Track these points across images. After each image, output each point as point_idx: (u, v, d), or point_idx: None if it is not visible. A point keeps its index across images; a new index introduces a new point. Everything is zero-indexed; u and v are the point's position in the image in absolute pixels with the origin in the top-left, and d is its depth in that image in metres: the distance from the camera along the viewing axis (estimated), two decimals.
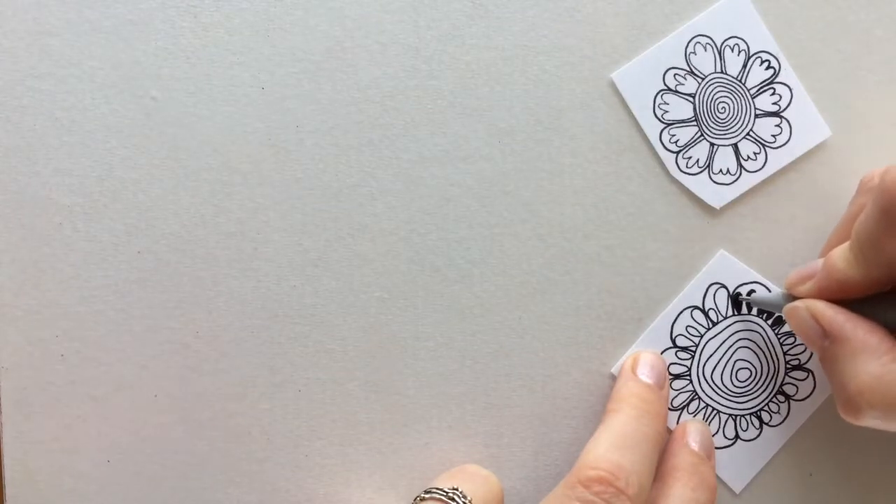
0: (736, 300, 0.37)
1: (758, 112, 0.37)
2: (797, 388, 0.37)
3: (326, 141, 0.36)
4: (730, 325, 0.37)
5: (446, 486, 0.33)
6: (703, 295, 0.37)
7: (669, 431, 0.36)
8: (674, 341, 0.37)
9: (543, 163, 0.36)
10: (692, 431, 0.35)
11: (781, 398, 0.37)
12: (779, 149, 0.37)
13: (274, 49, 0.36)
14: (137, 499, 0.36)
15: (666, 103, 0.36)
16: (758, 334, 0.37)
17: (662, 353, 0.37)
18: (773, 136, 0.37)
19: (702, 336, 0.37)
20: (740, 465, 0.37)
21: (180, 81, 0.36)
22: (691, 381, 0.37)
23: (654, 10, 0.36)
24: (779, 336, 0.37)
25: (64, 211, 0.35)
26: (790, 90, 0.37)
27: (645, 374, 0.36)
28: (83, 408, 0.36)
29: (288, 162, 0.36)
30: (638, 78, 0.36)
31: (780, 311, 0.35)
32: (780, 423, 0.37)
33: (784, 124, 0.37)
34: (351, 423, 0.36)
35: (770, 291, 0.37)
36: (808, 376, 0.37)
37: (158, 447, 0.36)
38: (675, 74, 0.36)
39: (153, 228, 0.36)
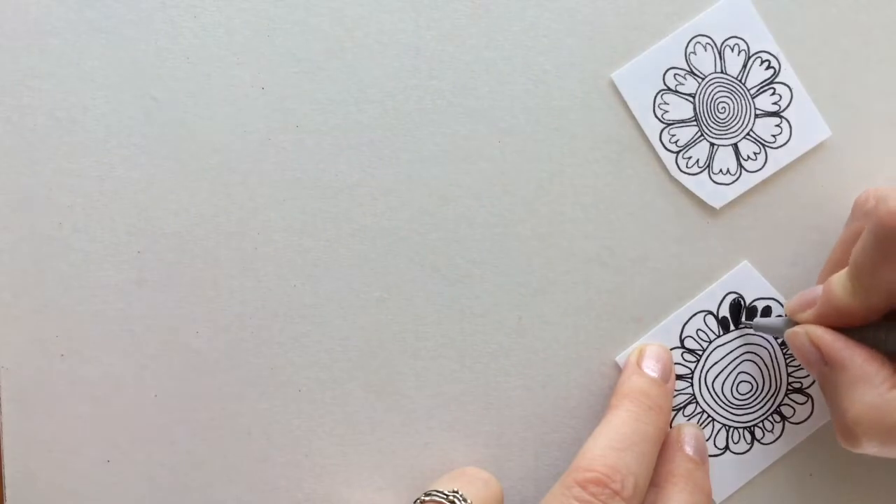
0: (736, 317, 0.37)
1: (758, 112, 0.37)
2: (794, 410, 0.37)
3: (326, 141, 0.36)
4: (739, 337, 0.37)
5: (446, 488, 0.33)
6: (718, 302, 0.37)
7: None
8: (682, 342, 0.37)
9: (543, 163, 0.36)
10: (688, 436, 0.35)
11: (777, 418, 0.37)
12: (779, 149, 0.37)
13: (274, 49, 0.36)
14: (137, 499, 0.36)
15: (666, 103, 0.36)
16: (765, 350, 0.37)
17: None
18: (774, 136, 0.37)
19: (710, 342, 0.37)
20: (725, 476, 0.37)
21: (180, 81, 0.36)
22: (692, 385, 0.37)
23: (654, 10, 0.36)
24: (786, 356, 0.37)
25: (64, 211, 0.35)
26: (790, 90, 0.37)
27: (650, 368, 0.36)
28: (83, 408, 0.36)
29: (288, 162, 0.36)
30: (638, 78, 0.36)
31: (783, 336, 0.35)
32: (771, 443, 0.37)
33: (784, 124, 0.37)
34: (351, 423, 0.36)
35: (772, 315, 0.37)
36: (807, 401, 0.37)
37: (158, 447, 0.36)
38: (675, 74, 0.36)
39: (153, 228, 0.36)
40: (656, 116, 0.36)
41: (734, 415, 0.37)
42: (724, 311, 0.37)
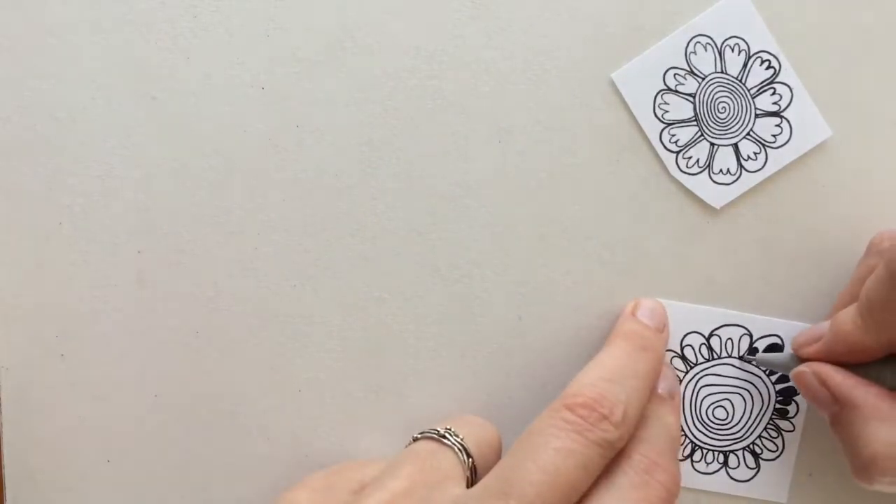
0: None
1: (758, 112, 0.37)
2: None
3: (326, 141, 0.36)
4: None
5: (441, 427, 0.33)
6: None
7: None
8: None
9: (543, 163, 0.36)
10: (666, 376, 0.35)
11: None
12: (779, 148, 0.37)
13: (274, 49, 0.36)
14: (137, 499, 0.36)
15: (666, 103, 0.36)
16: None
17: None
18: (774, 135, 0.37)
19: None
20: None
21: (180, 81, 0.36)
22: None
23: (654, 10, 0.36)
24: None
25: (64, 211, 0.35)
26: (790, 90, 0.37)
27: (646, 317, 0.35)
28: (83, 408, 0.36)
29: (288, 162, 0.36)
30: (638, 78, 0.36)
31: (788, 372, 0.35)
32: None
33: (784, 124, 0.37)
34: (351, 423, 0.36)
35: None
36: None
37: (158, 447, 0.36)
38: (675, 74, 0.36)
39: (153, 228, 0.36)
40: (656, 116, 0.36)
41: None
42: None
